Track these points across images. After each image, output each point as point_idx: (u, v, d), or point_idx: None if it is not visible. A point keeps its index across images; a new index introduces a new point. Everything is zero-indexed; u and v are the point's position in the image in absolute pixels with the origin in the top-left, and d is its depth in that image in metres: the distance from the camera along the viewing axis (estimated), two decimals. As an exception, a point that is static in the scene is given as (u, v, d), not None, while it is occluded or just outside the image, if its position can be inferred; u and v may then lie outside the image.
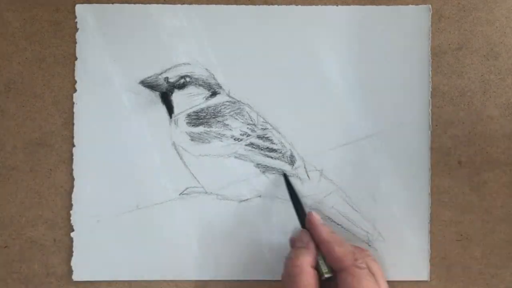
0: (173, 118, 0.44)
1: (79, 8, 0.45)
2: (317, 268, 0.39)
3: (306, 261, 0.38)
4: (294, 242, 0.41)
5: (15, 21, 0.45)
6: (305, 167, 0.44)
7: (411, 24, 0.45)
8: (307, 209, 0.43)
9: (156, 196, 0.44)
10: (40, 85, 0.45)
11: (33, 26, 0.45)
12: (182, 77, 0.44)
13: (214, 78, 0.45)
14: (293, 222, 0.44)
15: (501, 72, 0.45)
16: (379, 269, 0.40)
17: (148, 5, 0.45)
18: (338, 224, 0.44)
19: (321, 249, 0.39)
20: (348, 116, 0.44)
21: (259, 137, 0.44)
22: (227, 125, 0.44)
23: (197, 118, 0.44)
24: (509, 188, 0.44)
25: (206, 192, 0.44)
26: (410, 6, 0.45)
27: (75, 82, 0.44)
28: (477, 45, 0.45)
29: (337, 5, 0.45)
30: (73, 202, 0.44)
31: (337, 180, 0.44)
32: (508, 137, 0.44)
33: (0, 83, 0.45)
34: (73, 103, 0.44)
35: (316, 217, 0.41)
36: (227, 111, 0.44)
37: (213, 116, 0.44)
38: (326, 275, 0.39)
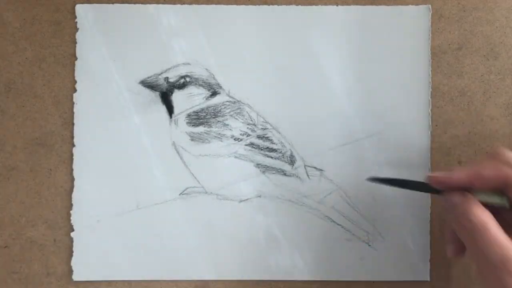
0: (173, 118, 0.44)
1: (79, 8, 0.45)
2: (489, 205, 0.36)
3: (478, 211, 0.35)
4: (450, 208, 0.37)
5: (15, 21, 0.45)
6: (305, 167, 0.44)
7: (411, 24, 0.45)
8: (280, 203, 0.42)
9: (156, 196, 0.44)
10: (40, 85, 0.45)
11: (33, 26, 0.45)
12: (182, 77, 0.45)
13: (214, 78, 0.45)
14: (293, 222, 0.44)
15: (501, 72, 0.45)
16: None
17: (148, 5, 0.45)
18: (338, 224, 0.44)
19: (476, 186, 0.36)
20: (348, 116, 0.44)
21: (259, 137, 0.44)
22: (227, 125, 0.44)
23: (197, 118, 0.44)
24: (509, 188, 0.44)
25: (206, 192, 0.44)
26: (410, 6, 0.45)
27: (75, 82, 0.44)
28: (477, 45, 0.45)
29: (337, 5, 0.45)
30: (73, 202, 0.44)
31: (337, 180, 0.44)
32: (508, 137, 0.44)
33: (0, 83, 0.45)
34: (73, 103, 0.44)
35: (438, 175, 0.37)
36: (227, 111, 0.44)
37: (213, 116, 0.44)
38: (502, 203, 0.36)
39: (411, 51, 0.45)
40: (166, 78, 0.44)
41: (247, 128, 0.44)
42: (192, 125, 0.44)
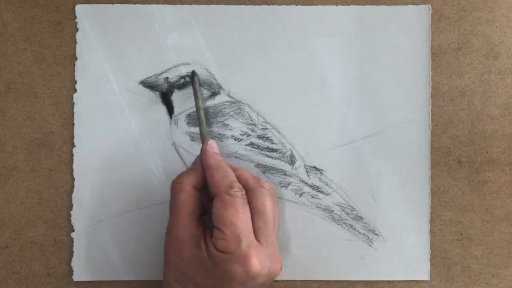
0: (173, 118, 0.44)
1: (79, 8, 0.45)
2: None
3: (189, 180, 0.39)
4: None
5: (15, 22, 0.45)
6: (305, 167, 0.44)
7: (411, 24, 0.45)
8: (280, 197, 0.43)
9: (156, 196, 0.44)
10: (40, 85, 0.45)
11: (33, 26, 0.45)
12: (182, 77, 0.44)
13: (214, 78, 0.45)
14: (293, 222, 0.44)
15: (501, 72, 0.45)
16: (266, 206, 0.39)
17: (148, 5, 0.45)
18: (338, 224, 0.44)
19: (206, 175, 0.40)
20: (348, 116, 0.44)
21: (259, 137, 0.44)
22: (227, 125, 0.44)
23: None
24: (509, 188, 0.44)
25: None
26: (410, 6, 0.45)
27: (75, 82, 0.44)
28: (477, 45, 0.45)
29: (337, 5, 0.45)
30: (73, 202, 0.44)
31: (337, 180, 0.44)
32: (508, 137, 0.44)
33: (0, 83, 0.45)
34: (73, 103, 0.44)
35: (211, 145, 0.41)
36: (227, 111, 0.44)
37: (213, 116, 0.44)
38: (210, 198, 0.39)
39: (411, 51, 0.45)
40: (166, 78, 0.44)
41: (247, 128, 0.44)
42: (193, 125, 0.44)
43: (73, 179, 0.44)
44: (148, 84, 0.44)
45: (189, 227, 0.38)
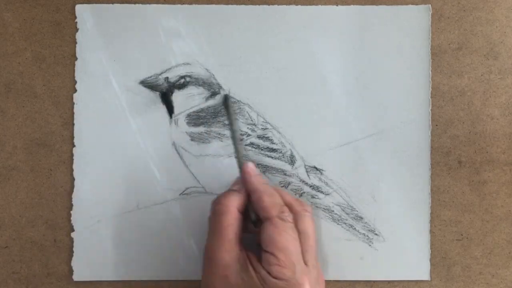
0: (173, 118, 0.44)
1: (79, 8, 0.45)
2: (246, 215, 0.39)
3: (233, 202, 0.39)
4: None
5: (15, 21, 0.45)
6: (305, 167, 0.44)
7: (411, 24, 0.45)
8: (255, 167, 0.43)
9: (156, 196, 0.44)
10: (40, 85, 0.45)
11: (33, 26, 0.45)
12: (182, 77, 0.45)
13: (214, 78, 0.45)
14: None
15: (501, 72, 0.45)
16: (310, 228, 0.39)
17: (148, 5, 0.45)
18: (338, 224, 0.44)
19: (252, 198, 0.39)
20: (348, 116, 0.44)
21: (259, 137, 0.44)
22: (227, 125, 0.44)
23: (197, 118, 0.44)
24: (509, 188, 0.44)
25: (206, 192, 0.44)
26: (410, 6, 0.45)
27: (75, 82, 0.44)
28: (477, 45, 0.45)
29: (337, 5, 0.45)
30: (73, 202, 0.44)
31: (337, 180, 0.44)
32: (508, 137, 0.44)
33: (0, 83, 0.45)
34: (73, 103, 0.44)
35: (251, 167, 0.40)
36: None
37: (213, 116, 0.44)
38: (252, 219, 0.39)
39: (411, 51, 0.45)
40: (166, 78, 0.44)
41: (247, 128, 0.44)
42: (192, 125, 0.44)
43: (73, 179, 0.44)
44: (148, 84, 0.44)
45: (234, 250, 0.37)
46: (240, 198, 0.39)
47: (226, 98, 0.43)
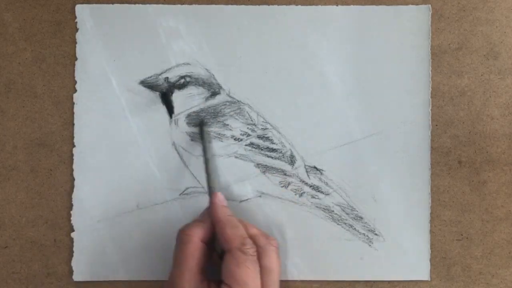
0: (173, 118, 0.44)
1: (79, 8, 0.45)
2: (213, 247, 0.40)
3: (197, 233, 0.39)
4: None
5: (15, 22, 0.45)
6: (305, 167, 0.44)
7: (411, 24, 0.45)
8: (280, 202, 0.43)
9: (156, 196, 0.44)
10: (40, 85, 0.45)
11: (33, 26, 0.45)
12: (182, 77, 0.44)
13: (214, 78, 0.45)
14: (293, 222, 0.44)
15: (501, 72, 0.45)
16: (274, 263, 0.39)
17: (148, 5, 0.45)
18: (338, 224, 0.44)
19: (215, 229, 0.39)
20: (348, 116, 0.44)
21: (259, 137, 0.44)
22: (227, 125, 0.44)
23: (197, 118, 0.44)
24: (509, 188, 0.44)
25: (206, 192, 0.44)
26: (410, 6, 0.45)
27: (75, 82, 0.44)
28: (477, 45, 0.45)
29: (337, 5, 0.45)
30: (73, 202, 0.44)
31: (337, 180, 0.44)
32: (508, 137, 0.44)
33: (0, 83, 0.45)
34: (73, 103, 0.44)
35: (219, 197, 0.41)
36: (227, 111, 0.44)
37: (213, 116, 0.44)
38: (218, 251, 0.40)
39: (411, 51, 0.45)
40: (166, 78, 0.44)
41: (247, 128, 0.44)
42: (193, 125, 0.44)
43: (73, 179, 0.44)
44: (148, 84, 0.44)
45: (194, 280, 0.38)
46: (204, 229, 0.39)
47: (201, 123, 0.43)
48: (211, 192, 0.41)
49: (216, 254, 0.41)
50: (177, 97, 0.44)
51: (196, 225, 0.40)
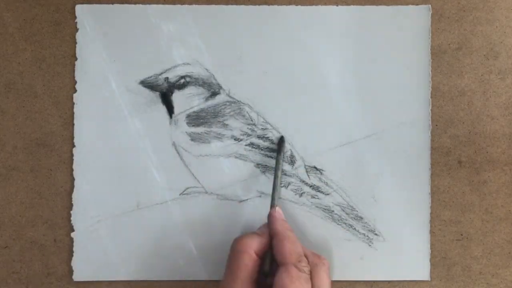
0: (173, 118, 0.44)
1: (79, 8, 0.45)
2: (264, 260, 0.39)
3: (253, 244, 0.39)
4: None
5: (14, 22, 0.45)
6: (305, 167, 0.44)
7: (411, 24, 0.45)
8: (281, 203, 0.43)
9: (156, 196, 0.44)
10: (40, 85, 0.45)
11: (33, 26, 0.45)
12: (182, 77, 0.45)
13: (214, 78, 0.45)
14: (293, 223, 0.44)
15: (501, 72, 0.45)
16: (325, 283, 0.39)
17: (148, 5, 0.45)
18: (338, 224, 0.44)
19: (273, 242, 0.39)
20: (348, 116, 0.44)
21: (259, 137, 0.44)
22: (227, 125, 0.44)
23: (197, 118, 0.44)
24: (509, 188, 0.44)
25: (206, 192, 0.44)
26: (410, 6, 0.45)
27: (75, 82, 0.44)
28: (477, 45, 0.45)
29: (337, 5, 0.45)
30: (73, 202, 0.44)
31: (337, 180, 0.44)
32: (508, 137, 0.44)
33: (0, 83, 0.45)
34: (73, 103, 0.44)
35: (278, 211, 0.41)
36: (227, 111, 0.44)
37: (213, 116, 0.44)
38: (265, 269, 0.39)
39: (411, 51, 0.45)
40: (166, 78, 0.44)
41: (247, 128, 0.44)
42: (192, 125, 0.44)
43: (73, 179, 0.44)
44: (148, 84, 0.44)
45: None
46: (260, 242, 0.39)
47: (281, 140, 0.44)
48: (272, 205, 0.41)
49: (261, 270, 0.40)
50: (177, 97, 0.44)
51: (252, 237, 0.39)
